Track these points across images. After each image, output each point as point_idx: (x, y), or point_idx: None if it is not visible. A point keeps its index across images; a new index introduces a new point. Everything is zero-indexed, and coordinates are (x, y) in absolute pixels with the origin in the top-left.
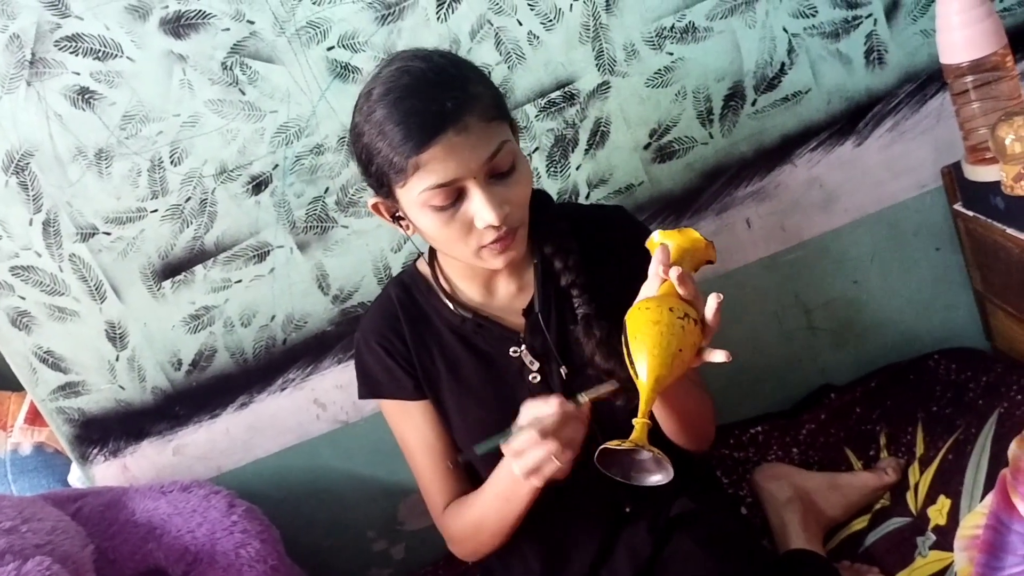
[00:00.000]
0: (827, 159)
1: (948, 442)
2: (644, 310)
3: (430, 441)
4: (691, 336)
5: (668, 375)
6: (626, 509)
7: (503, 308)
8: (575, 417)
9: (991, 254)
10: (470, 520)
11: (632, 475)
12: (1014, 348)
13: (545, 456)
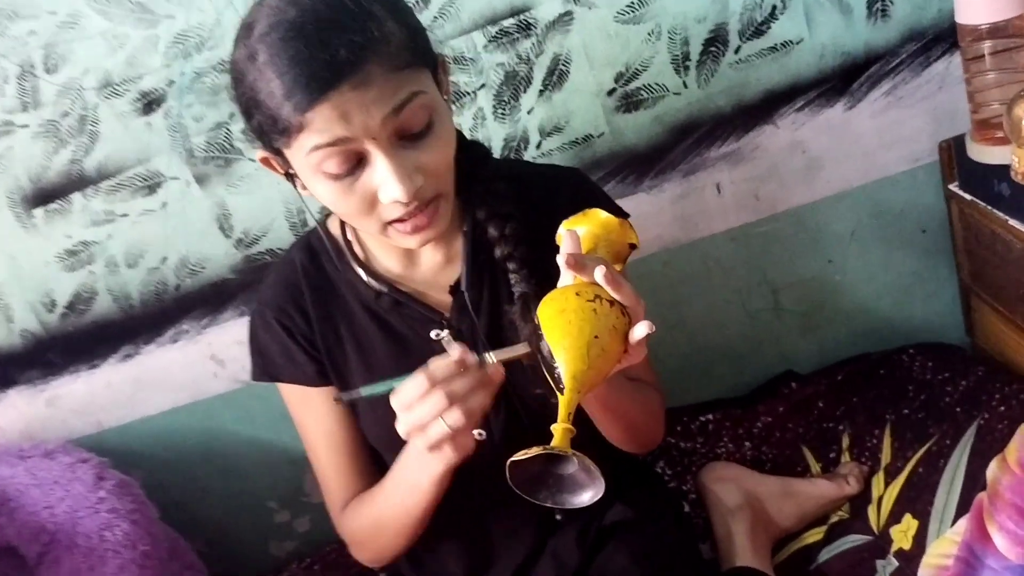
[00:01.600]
0: (813, 122)
1: (919, 452)
2: (549, 302)
3: (332, 433)
4: (607, 319)
5: (588, 368)
6: (556, 517)
7: (426, 282)
8: (477, 377)
9: (986, 244)
10: (370, 517)
11: (559, 495)
12: (996, 348)
13: (431, 411)
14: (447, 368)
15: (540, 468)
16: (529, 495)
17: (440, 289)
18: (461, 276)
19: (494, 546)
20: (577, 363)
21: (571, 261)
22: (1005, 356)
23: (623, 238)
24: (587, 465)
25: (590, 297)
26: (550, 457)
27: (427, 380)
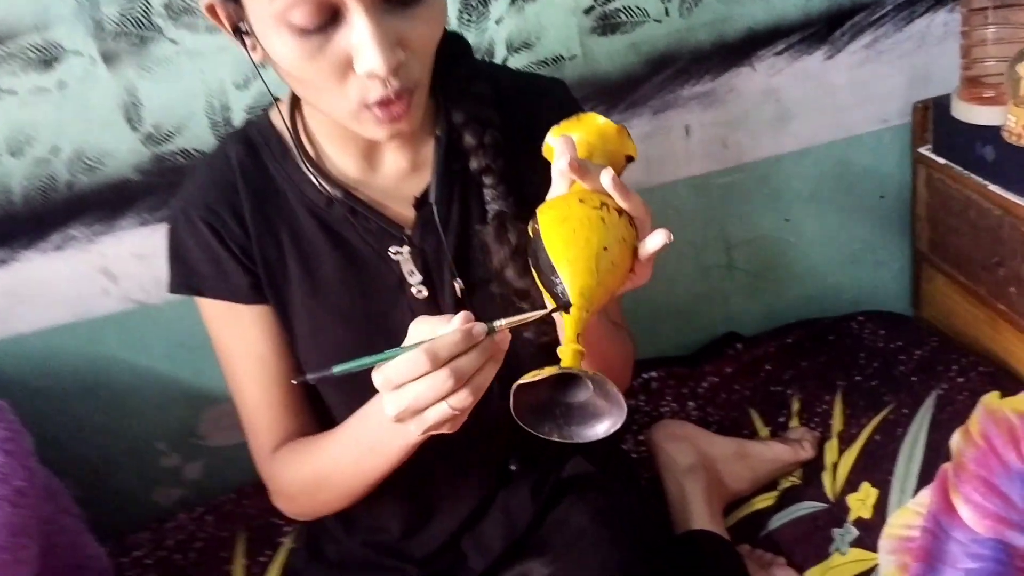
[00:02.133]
0: (791, 68)
1: (874, 420)
2: (549, 211)
3: (264, 361)
4: (616, 229)
5: (597, 283)
6: (511, 467)
7: (387, 191)
8: (485, 349)
9: (956, 212)
10: (313, 471)
11: (567, 428)
12: (945, 320)
13: (433, 394)
14: (452, 343)
15: (546, 396)
16: (533, 428)
17: (402, 201)
18: (430, 187)
19: (436, 499)
20: (585, 277)
21: (575, 165)
22: (954, 329)
23: (620, 148)
24: (606, 388)
25: (596, 204)
26: (560, 382)
27: (428, 358)
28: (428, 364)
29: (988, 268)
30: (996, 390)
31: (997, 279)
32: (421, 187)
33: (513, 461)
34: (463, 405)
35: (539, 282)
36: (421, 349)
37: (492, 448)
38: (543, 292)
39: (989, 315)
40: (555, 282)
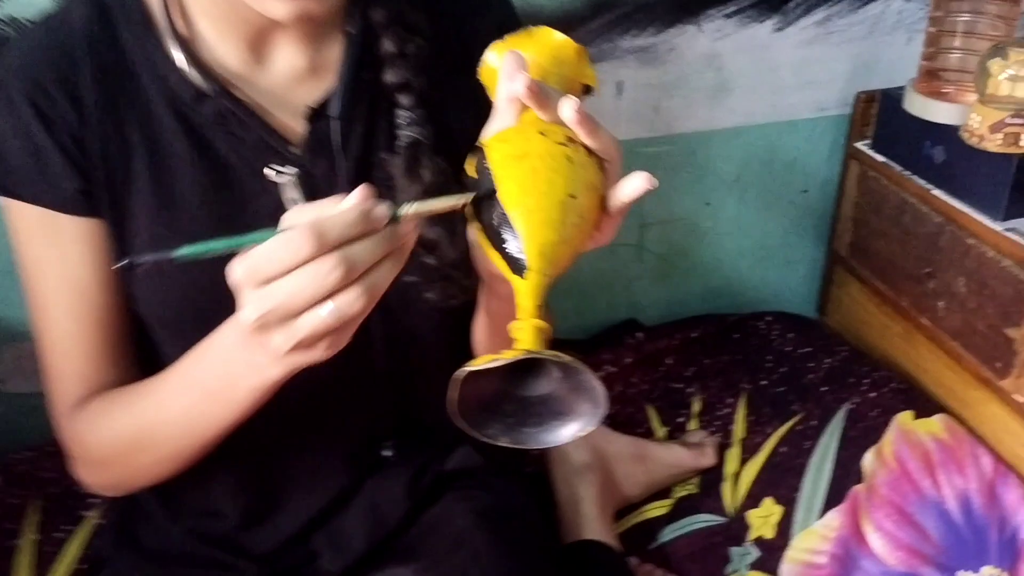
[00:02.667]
0: (739, 35)
1: (781, 430)
2: (500, 144)
3: (84, 288)
4: (585, 171)
5: (561, 241)
6: (382, 452)
7: (276, 95)
8: (386, 239)
9: (887, 215)
10: (130, 427)
11: (521, 431)
12: (853, 329)
13: (314, 288)
14: (345, 222)
15: (495, 388)
16: (477, 429)
17: (292, 110)
18: (331, 97)
19: (286, 482)
20: (547, 231)
21: (533, 88)
22: (863, 340)
23: (579, 74)
24: (579, 378)
25: (561, 139)
26: (515, 370)
27: (312, 238)
28: (311, 246)
29: (916, 279)
30: (910, 409)
31: (925, 291)
32: (318, 95)
33: (388, 445)
34: (352, 310)
35: (481, 237)
36: (304, 226)
37: (363, 424)
38: (486, 250)
39: (906, 328)
40: (507, 237)
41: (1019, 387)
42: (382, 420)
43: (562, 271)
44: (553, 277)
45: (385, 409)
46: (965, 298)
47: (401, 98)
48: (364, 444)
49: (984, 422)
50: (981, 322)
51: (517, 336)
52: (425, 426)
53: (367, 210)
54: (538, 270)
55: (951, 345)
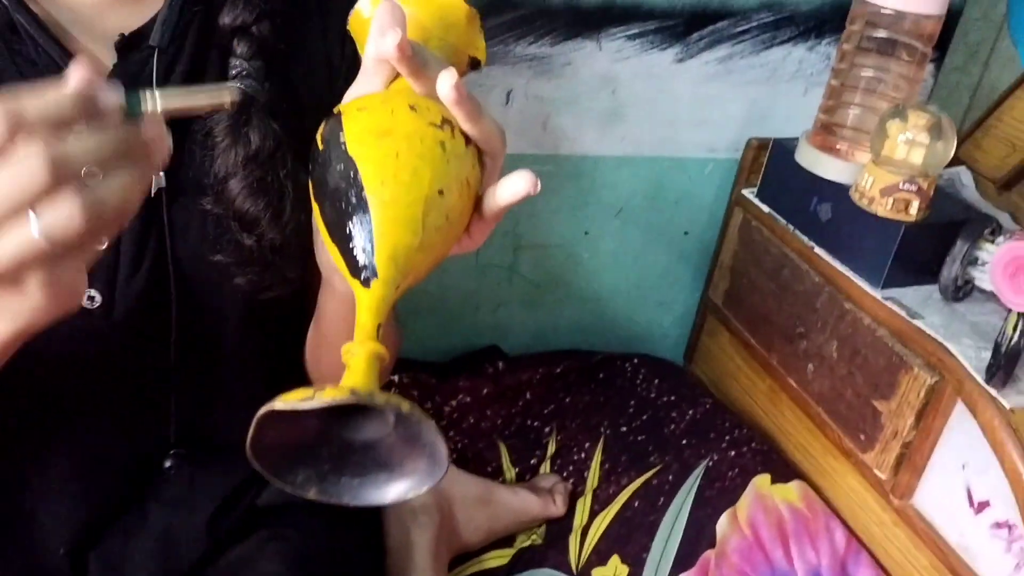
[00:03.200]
0: (638, 60)
1: (636, 483)
2: (360, 112)
3: None
4: (460, 163)
5: (420, 246)
6: (166, 463)
7: (82, 15)
8: (118, 137)
9: (766, 268)
10: None
11: (336, 482)
12: (719, 380)
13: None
14: (52, 102)
15: (313, 426)
16: (279, 477)
17: (100, 37)
18: (151, 29)
19: (43, 489)
20: (404, 232)
21: (406, 49)
22: (727, 392)
23: (467, 43)
24: (418, 428)
25: (435, 120)
26: (342, 409)
27: (4, 117)
28: (3, 127)
29: (788, 337)
30: (768, 472)
31: (796, 351)
32: (134, 24)
33: (170, 455)
34: (66, 229)
35: (321, 223)
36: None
37: (141, 427)
38: (324, 240)
39: (772, 387)
40: (352, 232)
41: (881, 462)
42: (165, 427)
43: (416, 281)
44: (404, 289)
45: (170, 414)
46: (836, 364)
47: (236, 44)
48: (140, 454)
49: (841, 494)
50: (850, 390)
51: (348, 362)
52: (216, 439)
53: (89, 94)
54: (386, 280)
55: (816, 410)
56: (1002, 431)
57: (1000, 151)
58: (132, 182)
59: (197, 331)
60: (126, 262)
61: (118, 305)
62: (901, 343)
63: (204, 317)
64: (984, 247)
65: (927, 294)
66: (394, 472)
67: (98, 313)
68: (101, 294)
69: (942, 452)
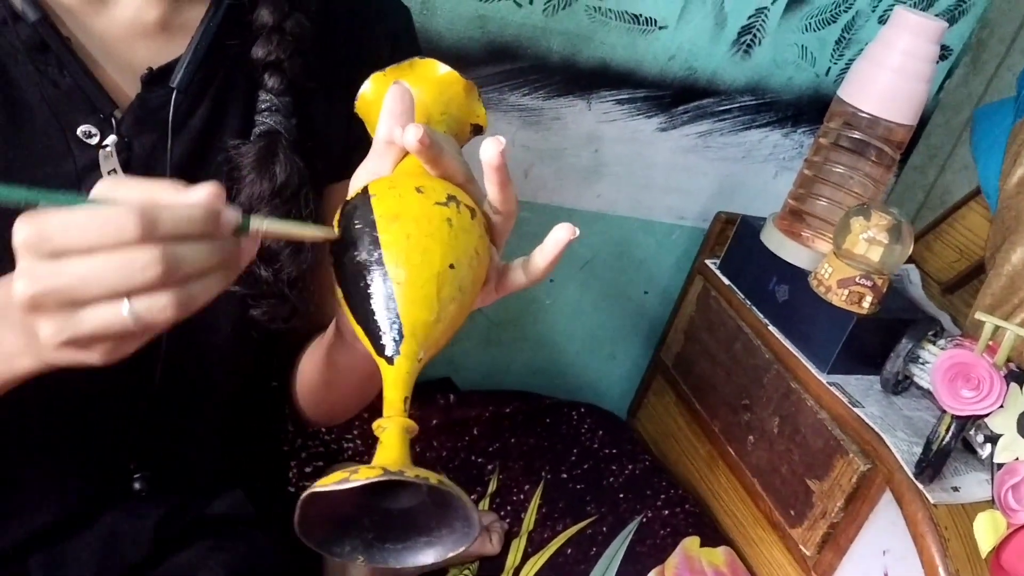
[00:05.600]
0: (624, 124)
1: (571, 530)
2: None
3: None
4: (468, 237)
5: (437, 320)
6: (135, 485)
7: (111, 44)
8: (223, 249)
9: (720, 338)
10: None
11: (381, 548)
12: (660, 440)
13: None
14: (185, 217)
15: (359, 500)
16: (327, 548)
17: (129, 68)
18: (179, 63)
19: (10, 493)
20: (420, 310)
21: (426, 141)
22: (666, 452)
23: (468, 113)
24: (448, 497)
25: (440, 198)
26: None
27: (140, 222)
28: (135, 229)
29: (733, 407)
30: (698, 535)
31: (738, 422)
32: (163, 59)
33: (139, 477)
34: (156, 318)
35: (344, 300)
36: (134, 207)
37: (114, 444)
38: (348, 317)
39: (711, 453)
40: (374, 309)
41: (807, 539)
42: (139, 446)
43: (437, 351)
44: (426, 360)
45: (146, 434)
46: (776, 439)
47: (268, 78)
48: (110, 469)
49: (765, 564)
50: (786, 466)
51: (382, 438)
52: (188, 462)
53: (215, 210)
54: (409, 355)
55: (751, 481)
56: (924, 524)
57: (949, 256)
58: (222, 283)
59: (184, 358)
60: None
61: None
62: (840, 428)
63: (193, 346)
64: (927, 347)
65: (868, 384)
66: (432, 536)
67: None
68: None
69: (866, 536)
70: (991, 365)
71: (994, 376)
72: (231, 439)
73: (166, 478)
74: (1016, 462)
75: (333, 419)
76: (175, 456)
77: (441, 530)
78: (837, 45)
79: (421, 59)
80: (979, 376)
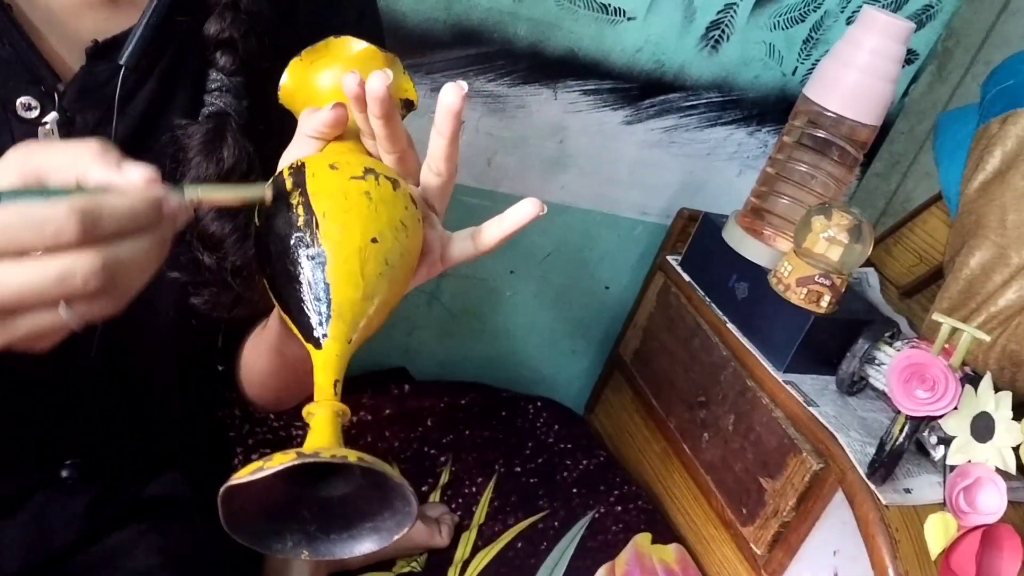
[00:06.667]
0: (589, 116)
1: (522, 524)
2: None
3: None
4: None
5: (363, 295)
6: (62, 473)
7: (54, 14)
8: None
9: (678, 334)
10: None
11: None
12: (615, 435)
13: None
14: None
15: (285, 490)
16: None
17: (72, 39)
18: (128, 37)
19: None
20: (343, 287)
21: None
22: (622, 448)
23: (396, 89)
24: (383, 479)
25: (356, 172)
26: (309, 471)
27: (83, 225)
28: (75, 234)
29: (689, 404)
30: (649, 532)
31: (694, 419)
32: (111, 29)
33: (69, 465)
34: (97, 315)
35: (271, 294)
36: (76, 207)
37: (45, 429)
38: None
39: (665, 450)
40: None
41: (758, 538)
42: (71, 432)
43: (373, 331)
44: (360, 340)
45: (81, 421)
46: (730, 436)
47: (219, 56)
48: (42, 456)
49: (715, 562)
50: (739, 464)
51: (311, 424)
52: (125, 449)
53: (158, 200)
54: (338, 337)
55: (704, 479)
56: (875, 524)
57: (908, 260)
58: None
59: (122, 344)
60: None
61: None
62: (794, 427)
63: (132, 332)
64: (883, 348)
65: (824, 384)
66: (376, 519)
67: None
68: None
69: (817, 536)
70: (947, 367)
71: (950, 378)
72: (171, 425)
73: (99, 465)
74: (968, 464)
75: (280, 405)
76: (111, 442)
77: (383, 513)
78: (805, 45)
79: (336, 38)
80: (935, 377)
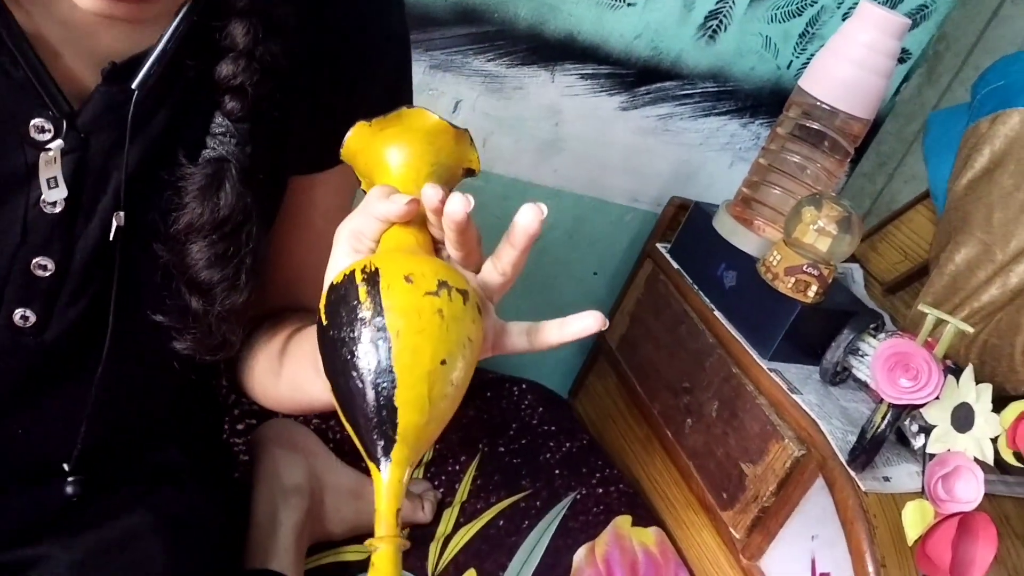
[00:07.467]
0: (585, 100)
1: (504, 503)
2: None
3: None
4: (459, 325)
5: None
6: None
7: (69, 33)
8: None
9: (665, 321)
10: None
11: None
12: (598, 421)
13: None
14: None
15: None
16: None
17: (92, 58)
18: (144, 59)
19: None
20: (411, 413)
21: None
22: (604, 432)
23: (459, 159)
24: None
25: (431, 287)
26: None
27: None
28: None
29: (673, 390)
30: (629, 514)
31: (678, 405)
32: (129, 48)
33: (72, 482)
34: None
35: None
36: None
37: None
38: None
39: (648, 435)
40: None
41: (737, 522)
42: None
43: (427, 449)
44: (415, 465)
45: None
46: (713, 423)
47: (228, 101)
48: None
49: (694, 546)
50: (721, 450)
51: (374, 560)
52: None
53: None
54: (401, 462)
55: (686, 463)
56: (854, 511)
57: (893, 257)
58: None
59: (125, 372)
60: (69, 290)
61: (52, 328)
62: (777, 413)
63: (135, 362)
64: (867, 340)
65: (807, 373)
66: None
67: (29, 332)
68: (37, 314)
69: (796, 521)
70: (931, 357)
71: (933, 367)
72: (170, 403)
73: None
74: (948, 453)
75: (282, 412)
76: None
77: None
78: (800, 39)
79: (409, 109)
80: (918, 366)
